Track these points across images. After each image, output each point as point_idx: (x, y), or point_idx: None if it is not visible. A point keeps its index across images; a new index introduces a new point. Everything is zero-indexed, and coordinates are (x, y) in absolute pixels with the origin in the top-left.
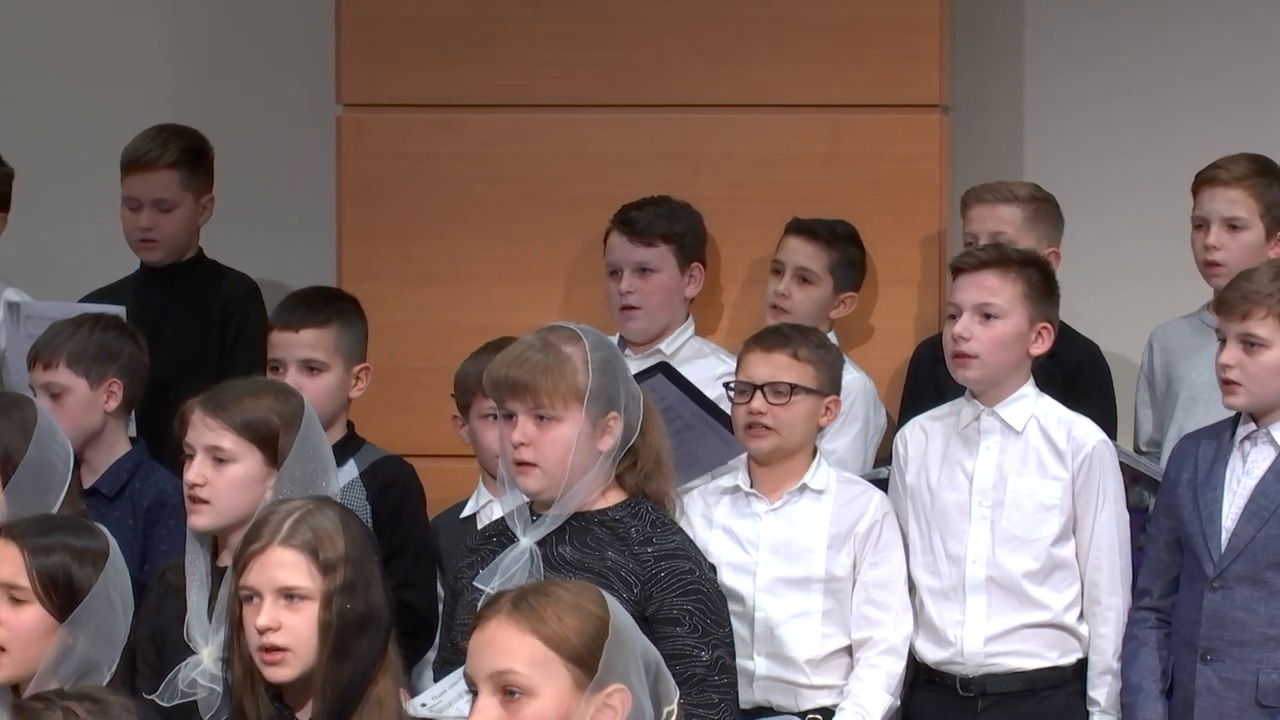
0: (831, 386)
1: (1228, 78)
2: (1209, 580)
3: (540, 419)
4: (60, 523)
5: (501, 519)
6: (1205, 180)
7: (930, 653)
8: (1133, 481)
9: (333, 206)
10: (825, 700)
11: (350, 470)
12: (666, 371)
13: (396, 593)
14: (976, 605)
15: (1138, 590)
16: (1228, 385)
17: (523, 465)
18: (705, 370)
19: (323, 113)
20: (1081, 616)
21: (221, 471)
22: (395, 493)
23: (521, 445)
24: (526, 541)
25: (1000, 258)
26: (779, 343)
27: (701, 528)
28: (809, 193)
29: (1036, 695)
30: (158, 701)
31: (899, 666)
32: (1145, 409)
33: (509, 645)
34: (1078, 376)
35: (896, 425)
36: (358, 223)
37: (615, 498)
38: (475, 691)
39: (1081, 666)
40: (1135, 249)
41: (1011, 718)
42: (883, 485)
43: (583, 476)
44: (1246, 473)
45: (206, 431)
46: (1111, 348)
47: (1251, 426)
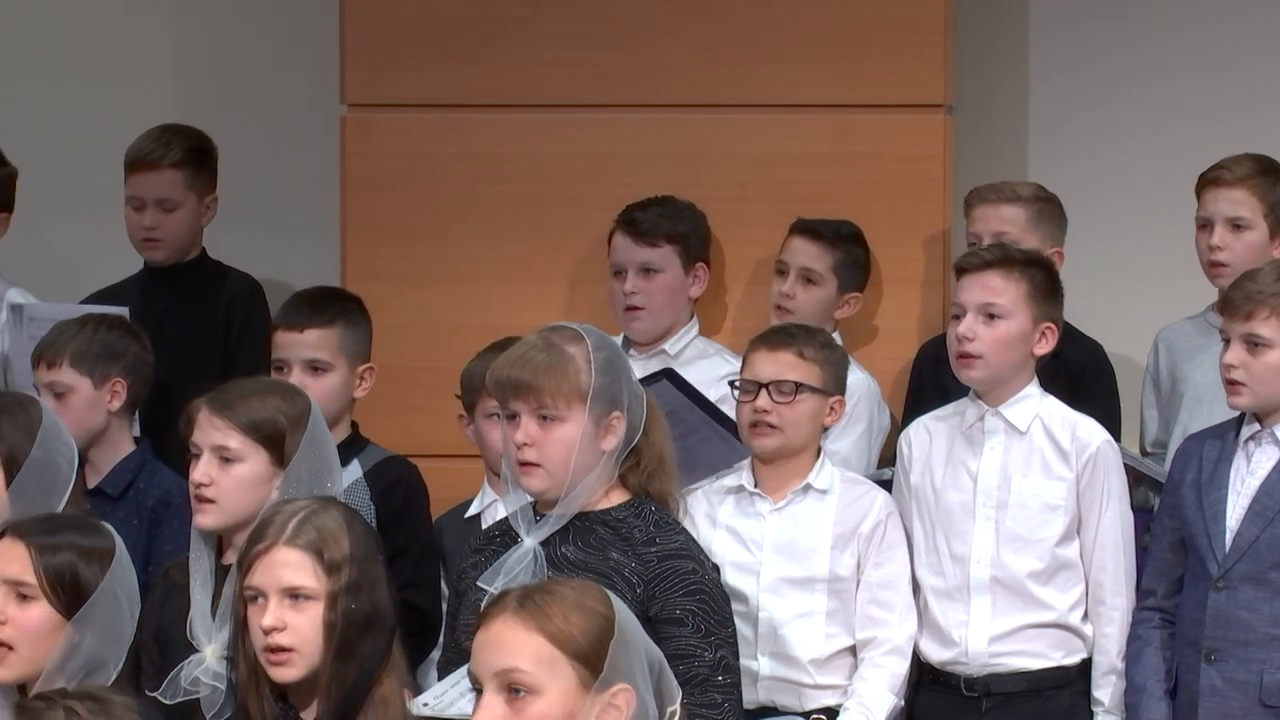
0: (836, 386)
1: (1230, 78)
2: (1213, 580)
3: (543, 419)
4: (67, 521)
5: (505, 519)
6: (1209, 180)
7: (935, 653)
8: (1137, 482)
9: (336, 206)
10: (829, 700)
11: (354, 470)
12: (670, 377)
13: (401, 593)
14: (981, 605)
15: (1142, 590)
16: (1232, 385)
17: (526, 465)
18: (709, 370)
19: (327, 113)
20: (1086, 617)
21: (228, 471)
22: (399, 493)
23: (524, 445)
24: (530, 542)
25: (1004, 258)
26: (785, 341)
27: (705, 527)
28: (813, 193)
29: (1041, 695)
30: (160, 699)
31: (903, 667)
32: (1151, 410)
33: (514, 643)
34: (1082, 377)
35: (900, 426)
36: (361, 223)
37: (619, 498)
38: (479, 690)
39: (1086, 667)
40: (1138, 249)
41: (1016, 718)
42: (887, 486)
43: (586, 476)
44: (1251, 473)
45: (213, 431)
46: (1115, 348)
47: (1256, 427)
